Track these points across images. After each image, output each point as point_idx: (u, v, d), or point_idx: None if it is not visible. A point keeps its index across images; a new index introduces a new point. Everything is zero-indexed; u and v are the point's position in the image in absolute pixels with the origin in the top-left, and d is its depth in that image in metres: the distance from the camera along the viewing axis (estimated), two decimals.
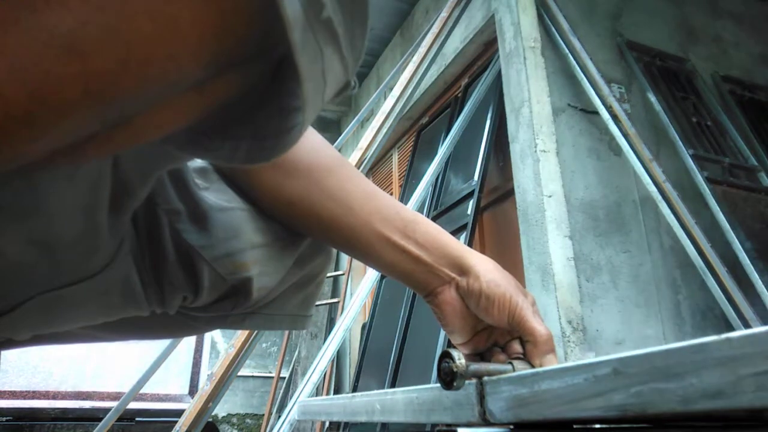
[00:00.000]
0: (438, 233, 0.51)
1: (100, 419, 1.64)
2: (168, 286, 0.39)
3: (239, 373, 1.63)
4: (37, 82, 0.16)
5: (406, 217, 0.49)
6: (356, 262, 3.90)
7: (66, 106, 0.16)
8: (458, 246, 0.52)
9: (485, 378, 0.44)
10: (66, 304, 0.34)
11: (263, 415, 3.90)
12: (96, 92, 0.17)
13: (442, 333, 2.13)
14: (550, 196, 1.99)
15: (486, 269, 0.51)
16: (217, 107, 0.21)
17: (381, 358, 2.60)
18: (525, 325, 0.50)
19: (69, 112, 0.17)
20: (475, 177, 2.44)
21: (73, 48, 0.15)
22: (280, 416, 1.62)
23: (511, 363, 0.48)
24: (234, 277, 0.42)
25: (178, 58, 0.17)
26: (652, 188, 1.92)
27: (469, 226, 2.30)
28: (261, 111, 0.21)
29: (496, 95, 2.54)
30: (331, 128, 5.01)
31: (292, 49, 0.18)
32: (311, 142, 0.48)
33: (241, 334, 1.57)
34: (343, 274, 3.90)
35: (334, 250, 0.53)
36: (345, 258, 4.00)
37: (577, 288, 1.89)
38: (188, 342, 2.86)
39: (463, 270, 0.51)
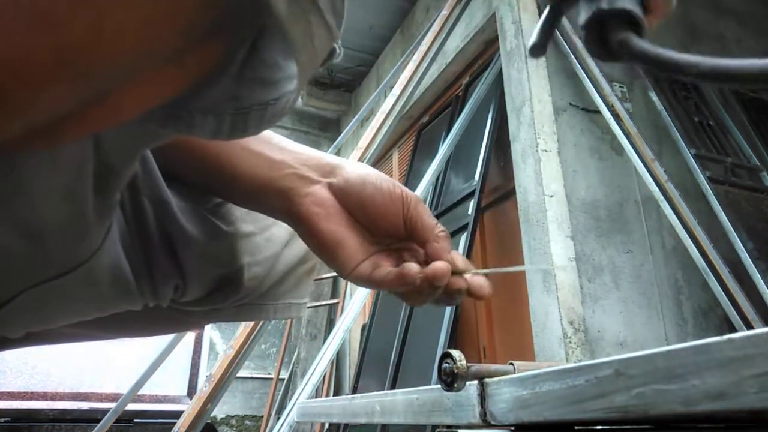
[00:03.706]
0: (301, 145, 0.42)
1: (98, 420, 1.64)
2: (159, 276, 0.39)
3: (238, 375, 1.63)
4: (8, 55, 0.15)
5: (268, 132, 0.41)
6: None
7: (40, 79, 0.16)
8: (325, 153, 0.42)
9: (486, 379, 0.44)
10: (57, 297, 0.34)
11: (262, 416, 3.90)
12: (70, 63, 0.16)
13: (443, 333, 2.13)
14: (551, 196, 1.99)
15: (358, 165, 0.42)
16: (198, 81, 0.20)
17: (381, 359, 2.60)
18: (424, 220, 0.40)
19: (43, 85, 0.16)
20: (476, 177, 2.43)
21: (43, 18, 0.15)
22: (279, 418, 1.62)
23: (512, 364, 0.48)
24: (223, 268, 0.41)
25: (154, 24, 0.17)
26: (654, 188, 1.92)
27: (470, 226, 2.30)
28: (243, 84, 0.21)
29: (497, 94, 2.54)
30: (330, 127, 5.01)
31: (281, 21, 0.17)
32: None
33: (239, 335, 1.57)
34: None
35: None
36: None
37: (578, 288, 1.89)
38: (187, 343, 2.86)
39: (331, 171, 0.41)
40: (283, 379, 3.86)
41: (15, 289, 0.31)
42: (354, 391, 2.78)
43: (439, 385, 0.46)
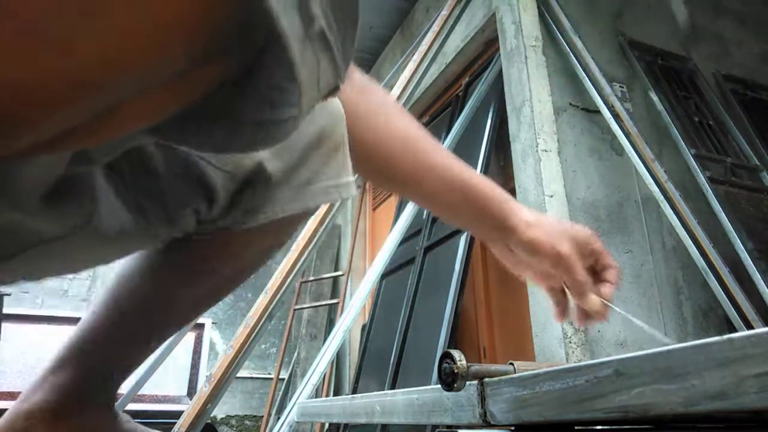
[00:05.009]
0: (485, 192, 0.58)
1: None
2: (172, 203, 0.40)
3: (238, 375, 1.62)
4: (19, 81, 0.15)
5: (458, 170, 0.57)
6: (356, 262, 3.90)
7: (51, 103, 0.16)
8: (502, 206, 0.59)
9: (486, 379, 0.44)
10: (70, 249, 0.37)
11: (262, 416, 3.90)
12: (81, 86, 0.16)
13: (443, 333, 2.13)
14: (551, 196, 1.99)
15: (528, 227, 0.59)
16: (202, 95, 0.20)
17: (381, 359, 2.60)
18: (571, 275, 0.58)
19: (54, 108, 0.16)
20: None
21: (55, 43, 0.15)
22: (279, 418, 1.62)
23: (512, 364, 0.48)
24: (242, 170, 0.42)
25: (163, 49, 0.17)
26: (654, 188, 1.91)
27: None
28: (248, 100, 0.21)
29: (497, 94, 2.53)
30: None
31: (292, 63, 0.17)
32: (365, 90, 0.52)
33: (239, 335, 1.57)
34: (342, 275, 3.90)
35: (342, 112, 0.49)
36: (345, 258, 3.99)
37: None
38: (187, 343, 2.85)
39: (506, 232, 0.59)
40: (283, 379, 3.85)
41: (23, 245, 0.34)
42: (354, 391, 2.78)
43: (439, 385, 0.46)
